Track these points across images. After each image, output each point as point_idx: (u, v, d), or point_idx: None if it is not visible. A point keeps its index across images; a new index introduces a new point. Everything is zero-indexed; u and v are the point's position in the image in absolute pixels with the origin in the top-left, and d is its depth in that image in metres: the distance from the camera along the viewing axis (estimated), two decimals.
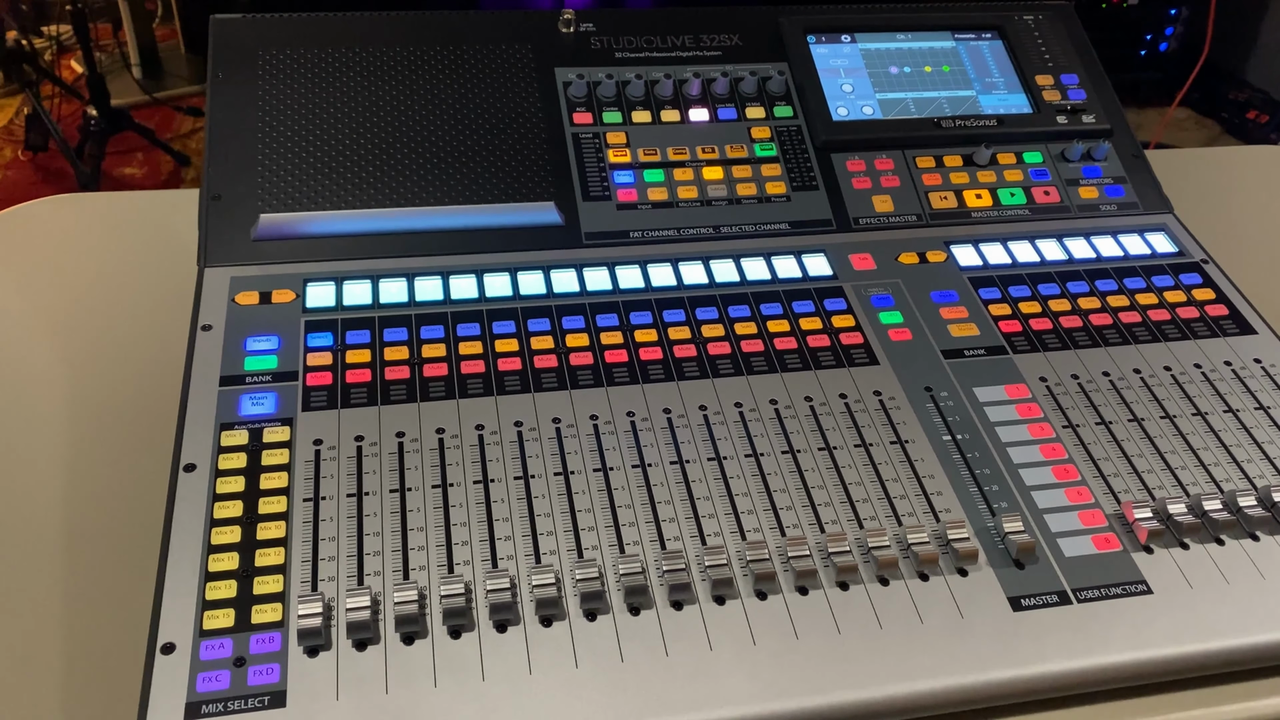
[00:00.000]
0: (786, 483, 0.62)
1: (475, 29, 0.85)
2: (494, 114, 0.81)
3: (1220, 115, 3.32)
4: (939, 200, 0.83)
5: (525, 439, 0.63)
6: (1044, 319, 0.75)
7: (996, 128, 0.86)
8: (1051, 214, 0.84)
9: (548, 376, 0.67)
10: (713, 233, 0.79)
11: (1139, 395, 0.70)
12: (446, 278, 0.73)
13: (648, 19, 0.88)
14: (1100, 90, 0.90)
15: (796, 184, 0.82)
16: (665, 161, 0.81)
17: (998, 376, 0.70)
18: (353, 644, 0.53)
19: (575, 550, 0.58)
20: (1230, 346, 0.74)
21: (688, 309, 0.73)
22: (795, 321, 0.73)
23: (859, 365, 0.70)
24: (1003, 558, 0.60)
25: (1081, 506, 0.63)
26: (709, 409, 0.66)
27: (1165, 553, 0.61)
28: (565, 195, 0.78)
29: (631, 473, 0.62)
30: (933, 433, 0.66)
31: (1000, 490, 0.63)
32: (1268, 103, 3.13)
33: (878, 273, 0.77)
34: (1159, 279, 0.79)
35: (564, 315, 0.71)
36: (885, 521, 0.61)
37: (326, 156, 0.77)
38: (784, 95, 0.87)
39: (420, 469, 0.61)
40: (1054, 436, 0.67)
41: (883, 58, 0.89)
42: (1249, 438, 0.68)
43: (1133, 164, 0.87)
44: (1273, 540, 0.62)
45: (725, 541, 0.59)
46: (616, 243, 0.77)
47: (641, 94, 0.84)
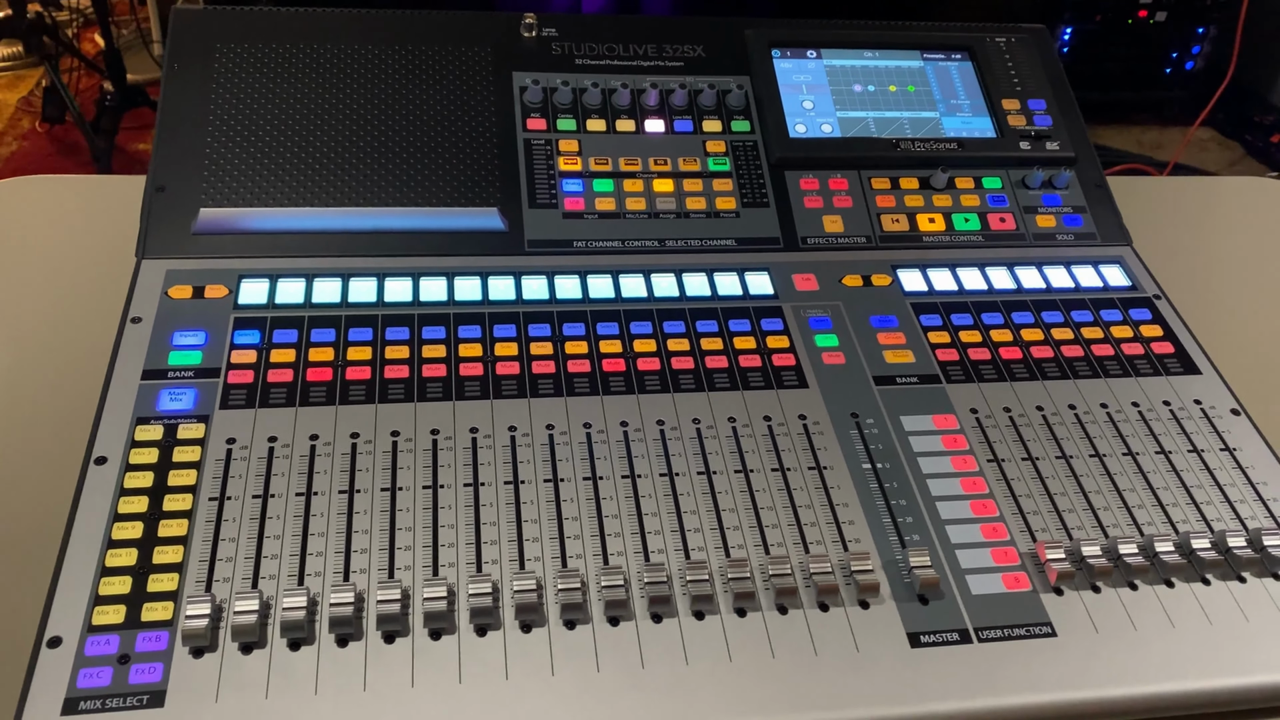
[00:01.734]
0: (698, 504, 0.62)
1: (436, 29, 0.85)
2: (446, 116, 0.81)
3: (1244, 138, 3.28)
4: (890, 223, 0.82)
5: (440, 447, 0.63)
6: (983, 349, 0.74)
7: (956, 151, 0.86)
8: (1005, 241, 0.83)
9: (472, 385, 0.67)
10: (658, 246, 0.78)
11: (1070, 432, 0.69)
12: (382, 280, 0.73)
13: (612, 26, 0.88)
14: (1068, 117, 0.89)
15: (747, 200, 0.82)
16: (616, 172, 0.81)
17: (927, 406, 0.70)
18: (238, 647, 0.53)
19: (475, 564, 0.58)
20: (1171, 386, 0.73)
21: (622, 322, 0.72)
22: (729, 340, 0.72)
23: (788, 388, 0.70)
24: (907, 592, 0.59)
25: (995, 543, 0.62)
26: (630, 425, 0.66)
27: (1075, 595, 0.60)
28: (511, 201, 0.78)
29: (543, 487, 0.62)
30: (853, 460, 0.66)
31: (914, 522, 0.63)
32: None
33: (819, 294, 0.77)
34: (1107, 313, 0.78)
35: (496, 323, 0.71)
36: (792, 549, 0.61)
37: (274, 153, 0.77)
38: (743, 109, 0.86)
39: (329, 474, 0.61)
40: (977, 470, 0.66)
41: (847, 75, 0.89)
42: (1177, 481, 0.67)
43: (1094, 194, 0.86)
44: (1187, 588, 0.61)
45: (627, 563, 0.59)
46: (559, 252, 0.77)
47: (598, 102, 0.84)
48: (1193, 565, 0.62)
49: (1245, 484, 0.68)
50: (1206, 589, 0.61)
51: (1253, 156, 3.25)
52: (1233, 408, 0.72)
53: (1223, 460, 0.69)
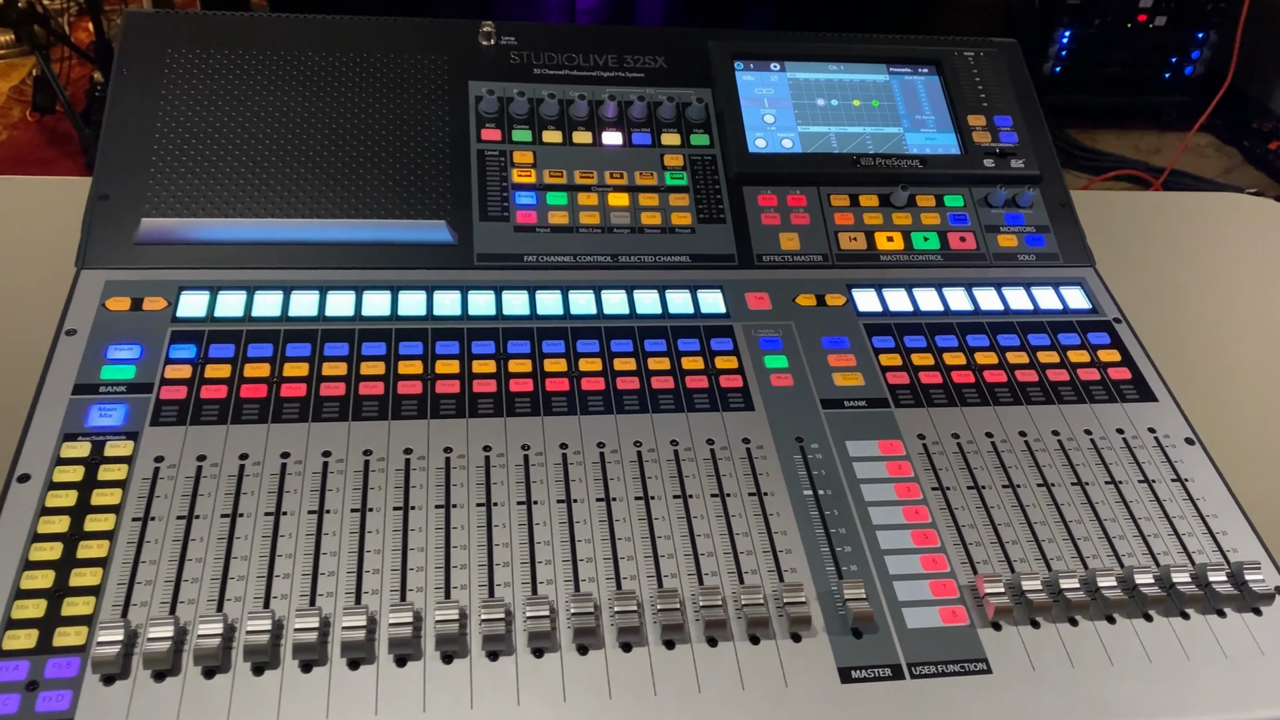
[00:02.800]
0: (633, 531, 0.61)
1: (393, 37, 0.84)
2: (399, 126, 0.79)
3: (1242, 144, 3.26)
4: (848, 241, 0.81)
5: (371, 469, 0.62)
6: (934, 372, 0.73)
7: (918, 168, 0.84)
8: (965, 261, 0.82)
9: (409, 404, 0.66)
10: (610, 261, 0.77)
11: (1019, 460, 0.68)
12: (324, 293, 0.72)
13: (573, 36, 0.87)
14: (1035, 134, 0.88)
15: (704, 216, 0.80)
16: (571, 185, 0.80)
17: (874, 430, 0.69)
18: (151, 675, 0.52)
19: (399, 592, 0.57)
20: (1126, 413, 0.72)
21: (569, 340, 0.71)
22: (677, 360, 0.71)
23: (734, 410, 0.69)
24: (841, 624, 0.58)
25: (934, 575, 0.61)
26: (570, 447, 0.65)
27: (1014, 631, 0.59)
28: (461, 214, 0.77)
29: (475, 511, 0.61)
30: (795, 487, 0.65)
31: (853, 552, 0.62)
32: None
33: (772, 313, 0.76)
34: (1065, 336, 0.77)
35: (439, 340, 0.70)
36: (726, 578, 0.60)
37: (221, 161, 0.76)
38: (703, 123, 0.85)
39: (256, 495, 0.60)
40: (920, 499, 0.65)
41: (811, 89, 0.87)
42: (1126, 512, 0.66)
43: (1059, 213, 0.85)
44: (1129, 625, 0.60)
45: (556, 592, 0.58)
46: (509, 266, 0.76)
47: (555, 113, 0.83)
48: (1136, 601, 0.61)
49: (1195, 516, 0.66)
50: (1149, 625, 0.60)
51: (1250, 163, 3.24)
52: (1187, 436, 0.71)
53: (1174, 491, 0.68)
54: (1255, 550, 0.65)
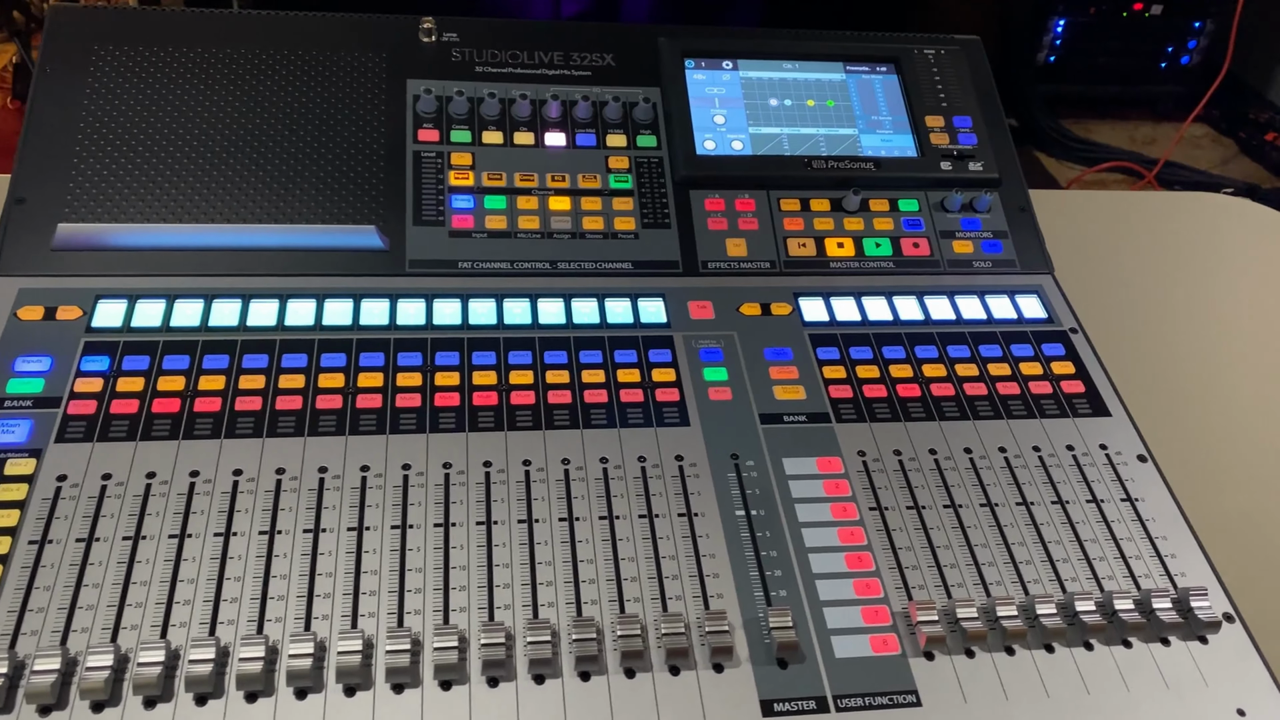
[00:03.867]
0: (554, 555, 0.59)
1: (330, 34, 0.81)
2: (331, 127, 0.77)
3: (1239, 135, 3.23)
4: (797, 247, 0.78)
5: (284, 489, 0.60)
6: (879, 385, 0.70)
7: (872, 171, 0.82)
8: (918, 268, 0.79)
9: (327, 419, 0.63)
10: (549, 268, 0.75)
11: (962, 478, 0.66)
12: (246, 302, 0.69)
13: (518, 31, 0.84)
14: (995, 135, 0.85)
15: (648, 221, 0.78)
16: (510, 188, 0.77)
17: (813, 447, 0.66)
18: (36, 710, 0.50)
19: (304, 620, 0.54)
20: (1077, 428, 0.70)
21: (500, 351, 0.69)
22: (612, 372, 0.69)
23: (668, 425, 0.66)
24: (767, 654, 0.56)
25: (867, 601, 0.59)
26: (494, 465, 0.63)
27: (947, 660, 0.57)
28: (394, 218, 0.74)
29: (389, 534, 0.59)
30: (726, 506, 0.62)
31: (783, 576, 0.59)
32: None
33: (714, 323, 0.73)
34: (1018, 348, 0.74)
35: (364, 351, 0.68)
36: (648, 605, 0.57)
37: (145, 164, 0.73)
38: (650, 123, 0.82)
39: (162, 516, 0.58)
40: (857, 519, 0.63)
41: (763, 88, 0.85)
42: (1071, 534, 0.64)
43: (1018, 218, 0.82)
44: (1068, 654, 0.58)
45: (470, 620, 0.55)
46: (442, 273, 0.73)
47: (496, 113, 0.80)
48: (1076, 629, 0.58)
49: (1143, 538, 0.64)
50: (1089, 655, 0.58)
51: (1246, 155, 3.20)
52: (1140, 453, 0.69)
53: (1123, 512, 0.65)
54: (1204, 574, 0.63)
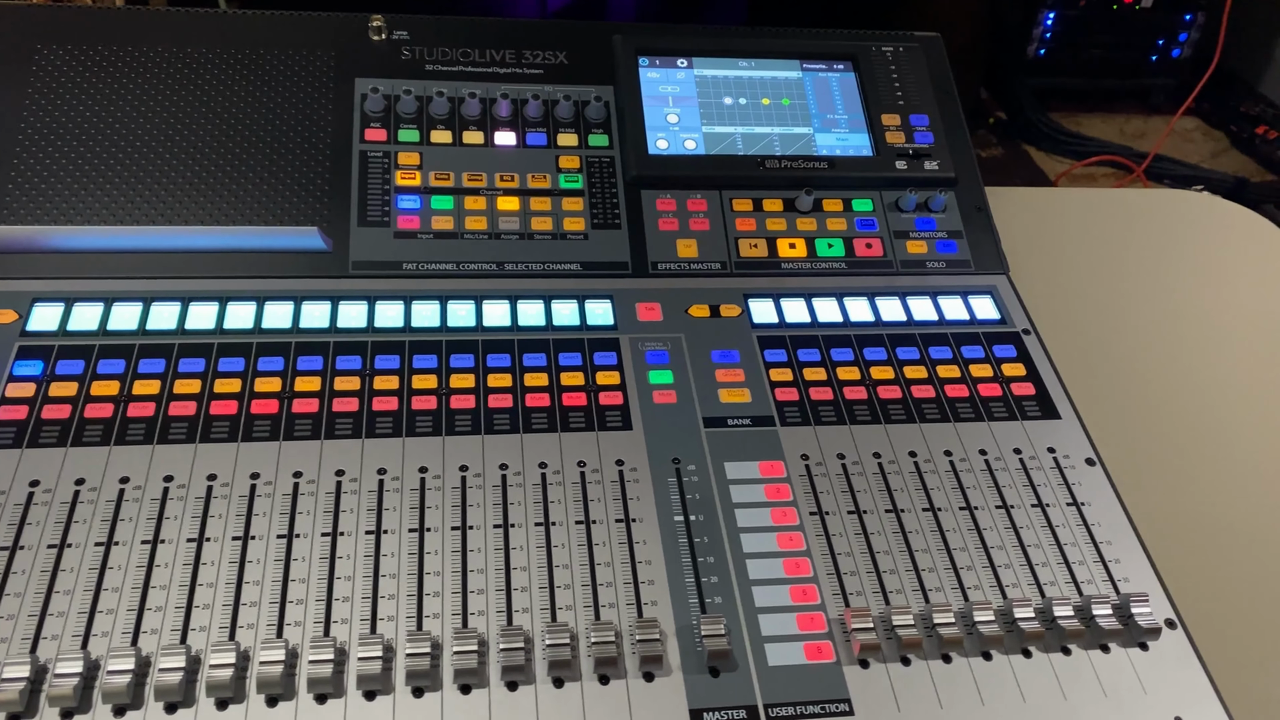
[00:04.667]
0: (487, 562, 0.58)
1: (278, 32, 0.80)
2: (276, 127, 0.76)
3: (1229, 128, 3.22)
4: (748, 248, 0.78)
5: (214, 495, 0.59)
6: (825, 388, 0.70)
7: (826, 170, 0.81)
8: (871, 269, 0.78)
9: (262, 424, 0.63)
10: (496, 269, 0.74)
11: (906, 482, 0.65)
12: (186, 305, 0.68)
13: (470, 29, 0.83)
14: (953, 134, 0.84)
15: (598, 221, 0.77)
16: (458, 188, 0.76)
17: (756, 451, 0.65)
18: None
19: (229, 629, 0.54)
20: (1025, 431, 0.69)
21: (442, 355, 0.68)
22: (556, 376, 0.68)
23: (610, 429, 0.66)
24: (699, 662, 0.55)
25: (803, 608, 0.58)
26: (430, 471, 0.62)
27: (882, 668, 0.56)
28: (339, 219, 0.74)
29: (319, 542, 0.58)
30: (665, 512, 0.62)
31: (719, 582, 0.59)
32: (1279, 120, 3.02)
33: (662, 325, 0.72)
34: (968, 349, 0.74)
35: (302, 355, 0.67)
36: (581, 613, 0.57)
37: (85, 165, 0.72)
38: (602, 122, 0.81)
39: (88, 523, 0.57)
40: (797, 525, 0.62)
41: (718, 86, 0.84)
42: (1015, 539, 0.63)
43: (974, 218, 0.82)
44: (1006, 661, 0.57)
45: (398, 629, 0.55)
46: (386, 274, 0.72)
47: (445, 112, 0.79)
48: (1014, 636, 0.58)
49: (1088, 543, 0.64)
50: (1027, 662, 0.57)
51: (1237, 148, 3.20)
52: (1088, 457, 0.68)
53: (1068, 516, 0.65)
54: (1147, 579, 0.62)
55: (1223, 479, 0.75)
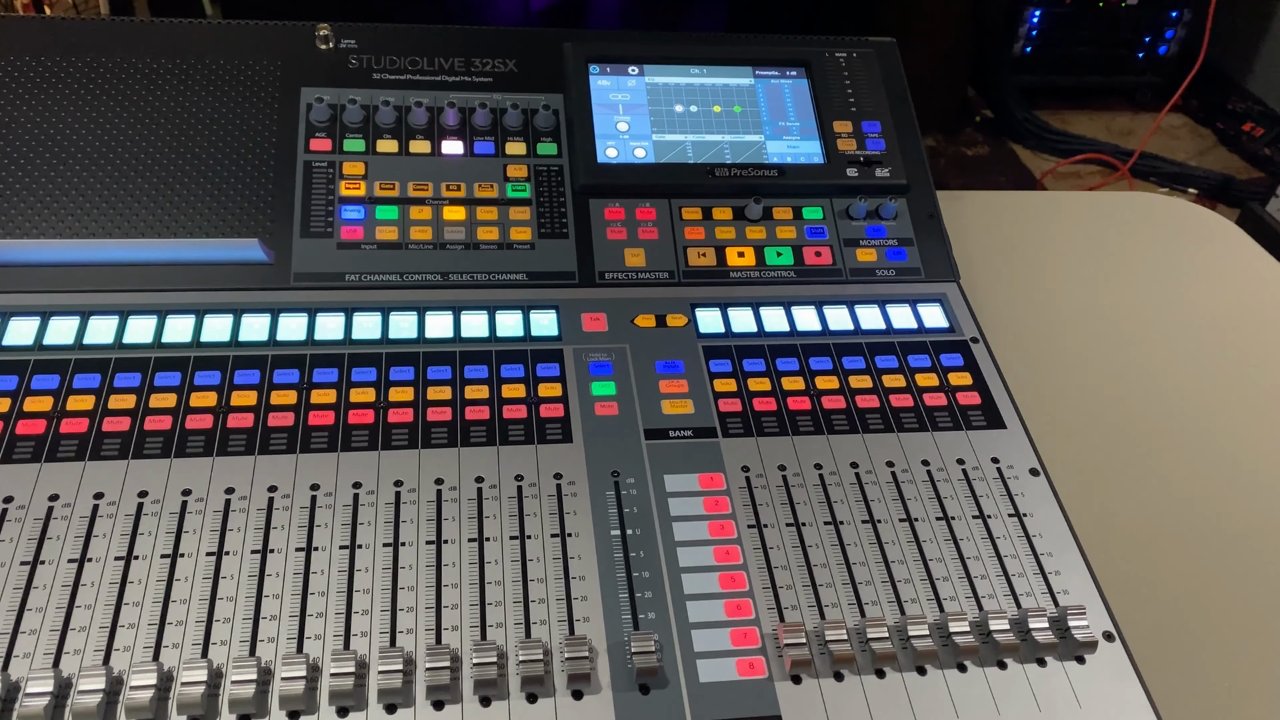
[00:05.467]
0: (418, 580, 0.58)
1: (225, 42, 0.80)
2: (220, 138, 0.75)
3: (1216, 125, 3.22)
4: (697, 257, 0.77)
5: (144, 512, 0.59)
6: (769, 399, 0.69)
7: (776, 178, 0.80)
8: (820, 278, 0.78)
9: (196, 439, 0.62)
10: (440, 280, 0.73)
11: (846, 494, 0.65)
12: (124, 318, 0.68)
13: (418, 37, 0.82)
14: (905, 141, 0.84)
15: (545, 230, 0.77)
16: (403, 198, 0.76)
17: (696, 463, 0.65)
18: None
19: (153, 649, 0.53)
20: (970, 441, 0.69)
21: (382, 367, 0.68)
22: (496, 388, 0.68)
23: (550, 442, 0.65)
24: (629, 679, 0.55)
25: (737, 623, 0.58)
26: (364, 487, 0.61)
27: (815, 684, 0.56)
28: (281, 230, 0.73)
29: (249, 559, 0.58)
30: (602, 526, 0.61)
31: (654, 598, 0.58)
32: (1266, 116, 3.02)
33: (607, 335, 0.72)
34: (915, 358, 0.73)
35: (239, 368, 0.66)
36: (512, 630, 0.56)
37: (24, 176, 0.72)
38: (552, 131, 0.81)
39: (14, 542, 0.56)
40: (734, 538, 0.61)
41: (670, 94, 0.83)
42: (954, 551, 0.63)
43: (925, 225, 0.81)
44: (940, 676, 0.57)
45: (324, 648, 0.54)
46: (328, 286, 0.72)
47: (391, 121, 0.79)
48: (949, 650, 0.57)
49: (1028, 555, 0.63)
50: (961, 677, 0.57)
51: (1224, 145, 3.20)
52: (1032, 467, 0.68)
53: (1009, 528, 0.64)
54: (1087, 591, 0.62)
55: (1173, 487, 0.74)
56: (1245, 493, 0.74)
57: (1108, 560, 0.67)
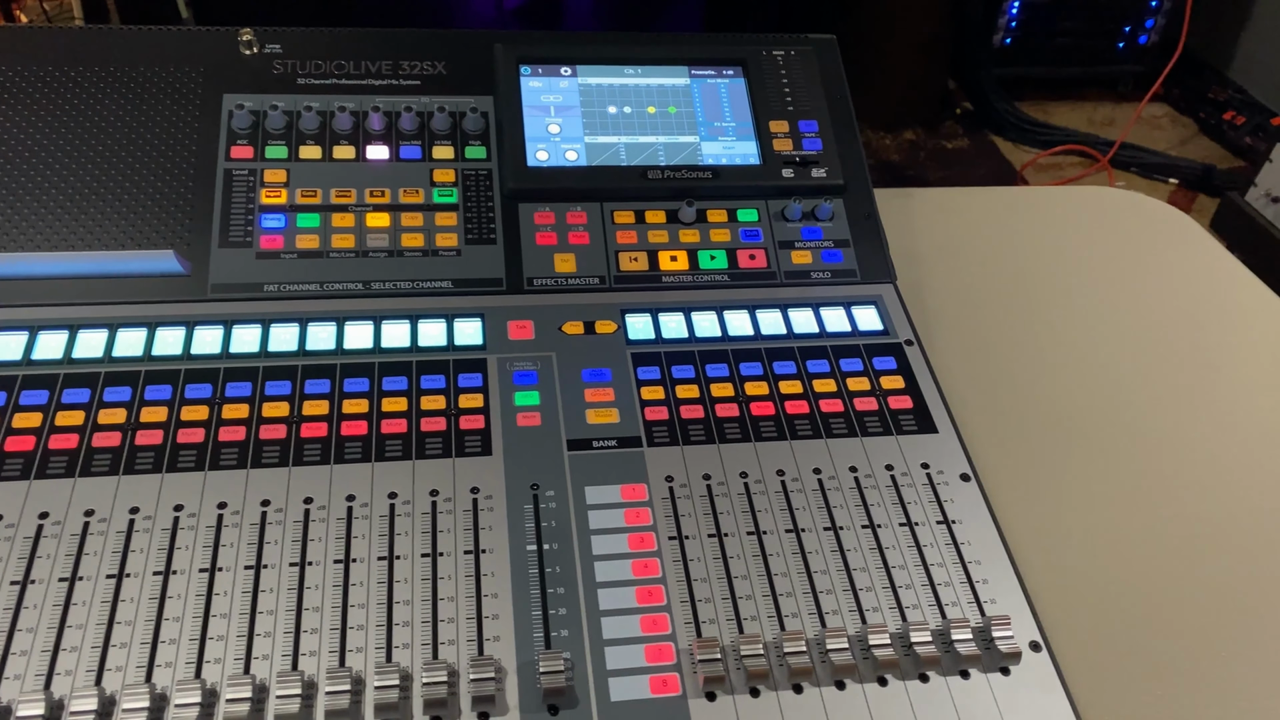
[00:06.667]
0: (324, 600, 0.56)
1: (146, 49, 0.78)
2: (138, 147, 0.74)
3: (1198, 115, 3.21)
4: (629, 261, 0.76)
5: (44, 534, 0.57)
6: (697, 406, 0.68)
7: (710, 180, 0.79)
8: (754, 281, 0.76)
9: (102, 458, 0.61)
10: (362, 289, 0.72)
11: (771, 503, 0.63)
12: (34, 334, 0.66)
13: (345, 41, 0.81)
14: (843, 140, 0.82)
15: (472, 236, 0.75)
16: (325, 205, 0.74)
17: (619, 474, 0.64)
18: None
19: (45, 675, 0.52)
20: (899, 446, 0.67)
21: (297, 380, 0.66)
22: (415, 400, 0.66)
23: (469, 455, 0.64)
24: (539, 700, 0.53)
25: (653, 639, 0.56)
26: (273, 504, 0.60)
27: (730, 700, 0.55)
28: (200, 241, 0.72)
29: (150, 580, 0.56)
30: (518, 541, 0.60)
31: (568, 614, 0.57)
32: (1246, 104, 3.01)
33: (534, 344, 0.70)
34: (847, 362, 0.72)
35: (151, 383, 0.65)
36: (419, 650, 0.55)
37: None
38: (480, 134, 0.79)
39: None
40: (654, 550, 0.60)
41: (603, 95, 0.82)
42: (879, 560, 0.61)
43: (862, 226, 0.80)
44: (860, 690, 0.55)
45: (222, 673, 0.53)
46: (246, 297, 0.70)
47: (315, 127, 0.77)
48: (869, 664, 0.56)
49: (956, 563, 0.62)
50: (881, 691, 0.56)
51: (1205, 134, 3.19)
52: (964, 472, 0.66)
53: (937, 535, 0.63)
54: (1015, 600, 0.60)
55: (1116, 491, 0.73)
56: (1190, 495, 0.73)
57: (1046, 567, 0.66)
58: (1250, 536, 0.70)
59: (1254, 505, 0.72)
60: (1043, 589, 0.65)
